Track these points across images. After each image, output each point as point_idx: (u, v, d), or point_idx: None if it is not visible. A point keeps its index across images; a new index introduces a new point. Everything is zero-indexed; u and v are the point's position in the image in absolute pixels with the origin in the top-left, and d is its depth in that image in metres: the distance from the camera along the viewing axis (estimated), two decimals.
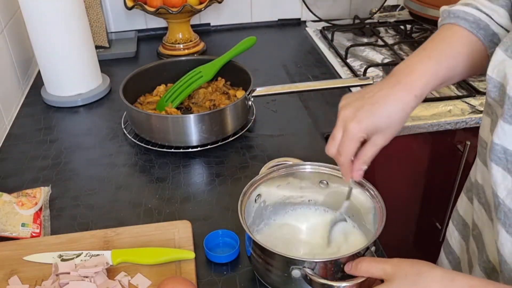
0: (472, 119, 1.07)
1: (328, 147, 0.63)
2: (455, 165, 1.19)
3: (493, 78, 0.52)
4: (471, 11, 0.62)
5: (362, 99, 0.61)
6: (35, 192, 0.84)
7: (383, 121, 0.59)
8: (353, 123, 0.59)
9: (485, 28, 0.61)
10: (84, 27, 1.13)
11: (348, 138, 0.60)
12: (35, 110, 1.15)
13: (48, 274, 0.70)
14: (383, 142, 0.60)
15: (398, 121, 0.59)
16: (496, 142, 0.51)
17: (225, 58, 1.09)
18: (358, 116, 0.59)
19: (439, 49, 0.61)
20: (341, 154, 0.61)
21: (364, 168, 0.63)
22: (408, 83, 0.59)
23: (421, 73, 0.59)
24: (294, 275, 0.60)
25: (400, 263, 0.52)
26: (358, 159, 0.62)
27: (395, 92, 0.59)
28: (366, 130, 0.59)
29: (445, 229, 1.31)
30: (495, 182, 0.53)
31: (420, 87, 0.59)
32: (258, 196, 0.71)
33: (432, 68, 0.60)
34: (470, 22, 0.61)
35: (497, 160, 0.52)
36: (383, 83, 0.61)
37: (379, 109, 0.59)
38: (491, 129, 0.56)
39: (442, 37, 0.63)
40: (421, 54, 0.62)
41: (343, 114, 0.61)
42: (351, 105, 0.61)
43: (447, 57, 0.61)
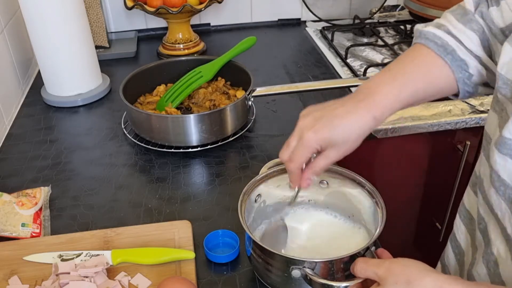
0: (472, 119, 1.07)
1: (282, 153, 0.64)
2: (455, 165, 1.19)
3: (502, 75, 0.52)
4: (440, 34, 0.63)
5: (323, 110, 0.62)
6: (35, 192, 0.84)
7: (339, 135, 0.60)
8: (310, 132, 0.60)
9: (452, 53, 0.62)
10: (84, 27, 1.13)
11: (302, 146, 0.61)
12: (35, 110, 1.15)
13: (48, 274, 0.70)
14: (336, 156, 0.61)
15: (354, 138, 0.60)
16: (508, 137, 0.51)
17: (225, 58, 1.09)
18: (316, 126, 0.60)
19: (404, 71, 0.62)
20: (292, 160, 0.62)
21: (313, 179, 0.64)
22: (370, 103, 0.60)
23: (383, 96, 0.60)
24: (294, 275, 0.60)
25: (392, 267, 0.52)
26: (309, 169, 0.63)
27: (356, 110, 0.60)
28: (321, 141, 0.60)
29: (445, 229, 1.31)
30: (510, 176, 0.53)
31: (380, 109, 0.60)
32: (258, 196, 0.71)
33: (395, 91, 0.60)
34: (438, 46, 0.62)
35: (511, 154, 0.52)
36: (347, 99, 0.62)
37: (338, 123, 0.59)
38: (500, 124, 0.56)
39: (410, 58, 0.64)
40: (386, 75, 0.62)
41: (301, 122, 0.62)
42: (311, 114, 0.62)
43: (413, 80, 0.61)
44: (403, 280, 0.50)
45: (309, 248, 0.69)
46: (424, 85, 0.62)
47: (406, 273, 0.50)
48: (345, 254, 0.59)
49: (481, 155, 0.63)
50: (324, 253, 0.68)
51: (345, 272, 0.60)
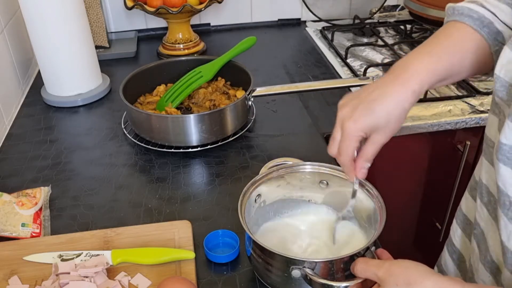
0: (472, 119, 1.07)
1: (330, 147, 0.62)
2: (455, 165, 1.19)
3: (500, 77, 0.52)
4: (475, 8, 0.61)
5: (359, 97, 0.60)
6: (35, 192, 0.84)
7: (380, 118, 0.58)
8: (349, 122, 0.59)
9: (489, 26, 0.60)
10: (84, 27, 1.13)
11: (346, 138, 0.59)
12: (35, 110, 1.15)
13: (48, 274, 0.70)
14: (383, 139, 0.60)
15: (396, 117, 0.59)
16: (504, 142, 0.51)
17: (225, 58, 1.09)
18: (354, 115, 0.59)
19: (440, 46, 0.60)
20: (341, 153, 0.61)
21: (367, 166, 0.62)
22: (406, 79, 0.58)
23: (418, 69, 0.59)
24: (294, 275, 0.60)
25: (392, 269, 0.52)
26: (360, 158, 0.61)
27: (392, 89, 0.58)
28: (363, 129, 0.59)
29: (445, 229, 1.31)
30: (505, 182, 0.52)
31: (417, 82, 0.58)
32: (258, 196, 0.71)
33: (431, 64, 0.59)
34: (474, 19, 0.60)
35: (506, 160, 0.51)
36: (381, 81, 0.61)
37: (376, 107, 0.58)
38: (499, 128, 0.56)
39: (445, 33, 0.62)
40: (421, 50, 0.61)
41: (340, 113, 0.61)
42: (348, 104, 0.60)
43: (448, 54, 0.60)
44: (403, 282, 0.50)
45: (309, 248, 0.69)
46: (460, 58, 0.60)
47: (406, 275, 0.50)
48: (345, 254, 0.59)
49: (482, 159, 0.62)
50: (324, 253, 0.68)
51: (345, 272, 0.60)
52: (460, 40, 0.61)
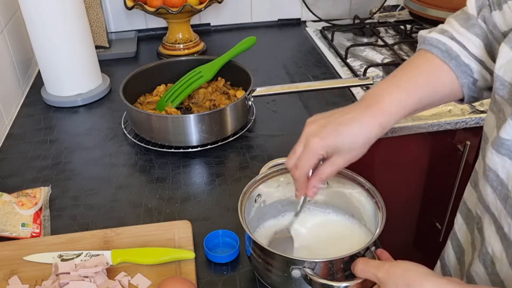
0: (472, 119, 1.07)
1: (288, 160, 0.63)
2: (455, 165, 1.19)
3: (500, 76, 0.52)
4: (444, 39, 0.63)
5: (329, 118, 0.61)
6: (35, 192, 0.84)
7: (345, 142, 0.59)
8: (316, 139, 0.60)
9: (456, 59, 0.62)
10: (84, 27, 1.13)
11: (307, 153, 0.60)
12: (35, 110, 1.15)
13: (48, 274, 0.70)
14: (342, 163, 0.61)
15: (359, 145, 0.60)
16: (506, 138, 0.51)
17: (225, 58, 1.09)
18: (322, 134, 0.60)
19: (409, 78, 0.62)
20: (298, 167, 0.62)
21: (319, 187, 0.63)
22: (376, 110, 0.60)
23: (389, 103, 0.60)
24: (294, 275, 0.60)
25: (392, 270, 0.52)
26: (315, 176, 0.62)
27: (362, 117, 0.60)
28: (327, 148, 0.60)
29: (445, 229, 1.31)
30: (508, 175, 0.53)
31: (386, 116, 0.60)
32: (258, 196, 0.71)
33: (401, 98, 0.61)
34: (442, 51, 0.62)
35: (510, 154, 0.52)
36: (353, 106, 0.62)
37: (343, 130, 0.59)
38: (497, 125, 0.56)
39: (414, 65, 0.64)
40: (391, 82, 0.62)
41: (307, 129, 0.62)
42: (317, 122, 0.62)
43: (417, 87, 0.61)
44: (403, 283, 0.50)
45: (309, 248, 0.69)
46: (429, 91, 0.62)
47: (406, 277, 0.50)
48: (345, 254, 0.59)
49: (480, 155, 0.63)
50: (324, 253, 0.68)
51: (345, 272, 0.60)
52: (429, 72, 0.63)
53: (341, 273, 0.60)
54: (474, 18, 0.63)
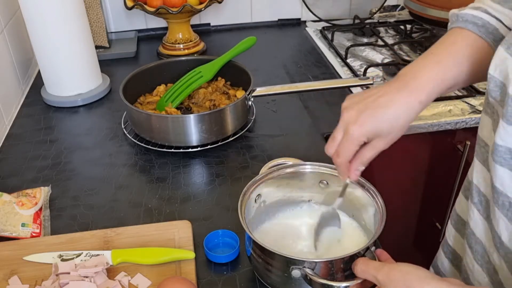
0: (472, 119, 1.07)
1: (328, 147, 0.62)
2: (455, 165, 1.19)
3: (494, 77, 0.52)
4: (480, 14, 0.60)
5: (365, 101, 0.60)
6: (35, 192, 0.84)
7: (385, 126, 0.58)
8: (355, 126, 0.59)
9: (494, 33, 0.60)
10: (84, 27, 1.13)
11: (348, 141, 0.59)
12: (35, 110, 1.15)
13: (48, 274, 0.70)
14: (383, 146, 0.60)
15: (401, 126, 0.59)
16: (500, 144, 0.51)
17: (225, 58, 1.09)
18: (360, 120, 0.58)
19: (447, 54, 0.60)
20: (339, 155, 0.61)
21: (361, 169, 0.63)
22: (414, 88, 0.58)
23: (428, 78, 0.58)
24: (294, 275, 0.60)
25: (391, 273, 0.51)
26: (356, 160, 0.62)
27: (400, 97, 0.58)
28: (367, 134, 0.59)
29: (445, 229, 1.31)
30: (503, 183, 0.52)
31: (426, 92, 0.58)
32: (258, 196, 0.71)
33: (440, 73, 0.59)
34: (479, 26, 0.60)
35: (503, 162, 0.51)
36: (388, 86, 0.60)
37: (383, 113, 0.58)
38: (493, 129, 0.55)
39: (451, 41, 0.61)
40: (428, 58, 0.60)
41: (345, 115, 0.61)
42: (354, 107, 0.60)
43: (456, 63, 0.59)
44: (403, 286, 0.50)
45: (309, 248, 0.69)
46: (469, 66, 0.60)
47: (406, 280, 0.50)
48: (345, 254, 0.59)
49: (475, 160, 0.63)
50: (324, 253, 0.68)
51: (345, 272, 0.60)
52: (465, 48, 0.60)
53: (341, 273, 0.60)
54: None
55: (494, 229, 0.56)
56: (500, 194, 0.53)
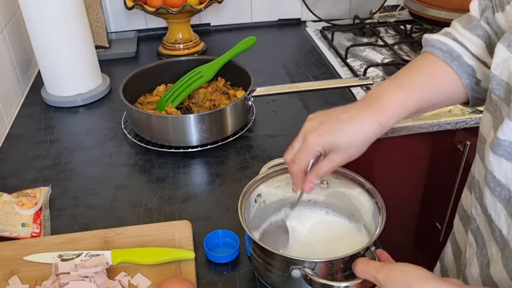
0: (472, 119, 1.07)
1: (286, 154, 0.64)
2: (455, 165, 1.19)
3: (496, 75, 0.52)
4: (446, 40, 0.63)
5: (329, 115, 0.62)
6: (35, 192, 0.84)
7: (343, 140, 0.60)
8: (313, 135, 0.60)
9: (458, 59, 0.62)
10: (84, 27, 1.13)
11: (304, 149, 0.61)
12: (35, 110, 1.15)
13: (48, 274, 0.70)
14: (340, 160, 0.61)
15: (358, 143, 0.60)
16: (503, 138, 0.51)
17: (225, 58, 1.09)
18: (319, 130, 0.60)
19: (410, 79, 0.62)
20: (295, 163, 0.62)
21: (316, 182, 0.63)
22: (375, 109, 0.60)
23: (389, 103, 0.60)
24: (294, 275, 0.60)
25: (391, 274, 0.51)
26: (312, 172, 0.63)
27: (361, 114, 0.60)
28: (324, 145, 0.60)
29: (445, 229, 1.31)
30: (507, 176, 0.53)
31: (386, 115, 0.60)
32: (258, 196, 0.71)
33: (401, 98, 0.61)
34: (444, 52, 0.62)
35: (507, 155, 0.52)
36: (354, 104, 0.62)
37: (342, 127, 0.60)
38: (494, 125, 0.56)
39: (416, 66, 0.64)
40: (392, 82, 0.63)
41: (306, 125, 0.63)
42: (316, 119, 0.62)
43: (419, 88, 0.62)
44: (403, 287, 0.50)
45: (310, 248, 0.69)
46: (431, 92, 0.62)
47: (405, 281, 0.50)
48: (345, 254, 0.59)
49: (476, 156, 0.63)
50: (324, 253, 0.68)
51: (345, 272, 0.60)
52: (430, 73, 0.63)
53: (341, 273, 0.60)
54: (476, 20, 0.63)
55: (494, 223, 0.56)
56: (503, 188, 0.53)
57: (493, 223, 0.56)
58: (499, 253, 0.57)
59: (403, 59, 1.28)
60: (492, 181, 0.54)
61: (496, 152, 0.52)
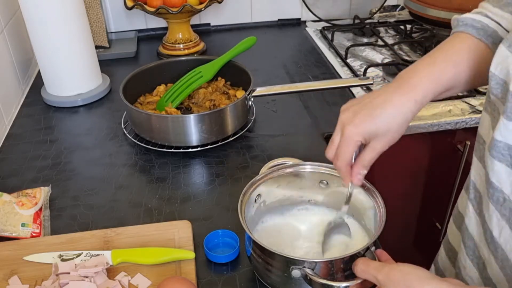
0: (472, 119, 1.07)
1: (327, 151, 0.63)
2: (455, 165, 1.19)
3: (496, 75, 0.52)
4: (479, 18, 0.61)
5: (362, 103, 0.60)
6: (35, 192, 0.84)
7: (381, 125, 0.59)
8: (350, 127, 0.59)
9: (492, 35, 0.60)
10: (84, 27, 1.13)
11: (345, 142, 0.60)
12: (35, 110, 1.15)
13: (48, 274, 0.70)
14: (381, 147, 0.60)
15: (397, 126, 0.59)
16: (499, 139, 0.51)
17: (225, 58, 1.09)
18: (355, 120, 0.59)
19: (444, 55, 0.61)
20: (338, 157, 0.61)
21: (363, 173, 0.63)
22: (409, 87, 0.59)
23: (422, 78, 0.59)
24: (294, 275, 0.60)
25: (391, 274, 0.51)
26: (357, 164, 0.62)
27: (395, 97, 0.59)
28: (363, 134, 0.59)
29: (445, 229, 1.31)
30: (499, 179, 0.52)
31: (421, 91, 0.59)
32: (258, 196, 0.71)
33: (435, 73, 0.59)
34: (478, 29, 0.61)
35: (501, 157, 0.51)
36: (385, 87, 0.61)
37: (378, 113, 0.58)
38: (493, 126, 0.56)
39: (449, 44, 0.62)
40: (426, 60, 0.61)
41: (342, 117, 0.61)
42: (350, 109, 0.61)
43: (453, 64, 0.60)
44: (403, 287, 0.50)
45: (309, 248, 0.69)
46: (466, 68, 0.61)
47: (406, 281, 0.50)
48: (345, 254, 0.59)
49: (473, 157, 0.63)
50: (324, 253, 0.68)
51: (345, 272, 0.60)
52: (464, 50, 0.61)
53: (341, 273, 0.60)
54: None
55: (486, 224, 0.56)
56: (496, 190, 0.53)
57: (486, 224, 0.56)
58: (491, 255, 0.57)
59: (403, 59, 1.28)
60: (487, 182, 0.54)
61: (492, 154, 0.52)
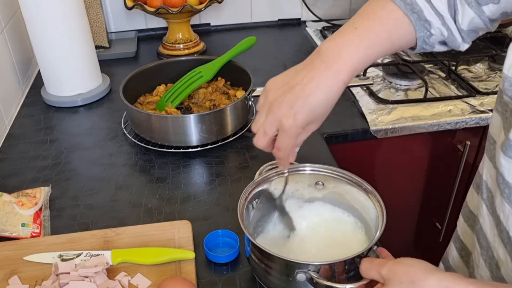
0: (472, 119, 1.07)
1: (259, 140, 0.63)
2: (455, 165, 1.19)
3: (509, 76, 0.52)
4: None
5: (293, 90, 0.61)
6: (35, 192, 0.84)
7: (318, 113, 0.61)
8: (290, 121, 0.60)
9: (418, 13, 0.61)
10: (84, 27, 1.13)
11: (286, 136, 0.61)
12: (35, 110, 1.15)
13: (48, 274, 0.70)
14: (315, 128, 0.64)
15: (329, 107, 0.61)
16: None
17: (225, 58, 1.09)
18: (293, 113, 0.60)
19: (371, 31, 0.61)
20: (281, 149, 0.63)
21: (297, 150, 0.66)
22: (339, 69, 0.60)
23: (350, 58, 0.60)
24: (299, 279, 0.59)
25: (395, 268, 0.51)
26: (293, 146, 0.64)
27: (326, 80, 0.60)
28: (303, 125, 0.61)
29: (445, 229, 1.31)
30: None
31: (349, 72, 0.60)
32: (257, 197, 0.71)
33: (362, 52, 0.60)
34: (406, 4, 0.61)
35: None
36: (311, 65, 0.62)
37: (313, 101, 0.60)
38: (504, 126, 0.55)
39: (376, 16, 0.62)
40: (352, 34, 0.61)
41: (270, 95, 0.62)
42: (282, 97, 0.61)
43: (379, 41, 0.61)
44: (407, 280, 0.49)
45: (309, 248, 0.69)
46: (389, 45, 0.62)
47: (409, 273, 0.50)
48: (348, 255, 0.59)
49: (484, 156, 0.63)
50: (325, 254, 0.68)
51: (348, 274, 0.60)
52: (391, 25, 0.62)
53: (344, 275, 0.60)
54: None
55: (502, 225, 0.56)
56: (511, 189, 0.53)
57: (502, 224, 0.56)
58: (507, 255, 0.56)
59: (402, 59, 1.28)
60: (502, 182, 0.54)
61: (507, 154, 0.52)
